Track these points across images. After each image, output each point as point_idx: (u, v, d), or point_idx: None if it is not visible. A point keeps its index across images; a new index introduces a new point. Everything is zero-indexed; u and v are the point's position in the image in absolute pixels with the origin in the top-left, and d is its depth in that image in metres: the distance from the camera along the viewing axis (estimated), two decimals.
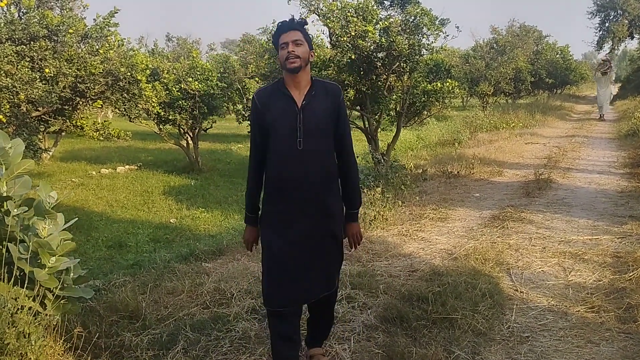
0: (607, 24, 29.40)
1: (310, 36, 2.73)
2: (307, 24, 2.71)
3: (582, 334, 3.31)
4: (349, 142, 2.71)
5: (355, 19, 8.89)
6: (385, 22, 9.12)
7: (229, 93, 16.74)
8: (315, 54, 9.92)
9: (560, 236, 5.28)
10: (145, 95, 10.43)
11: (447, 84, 10.11)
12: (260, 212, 2.76)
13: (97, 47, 9.90)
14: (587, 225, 5.67)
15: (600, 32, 29.95)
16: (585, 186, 7.71)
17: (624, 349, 3.12)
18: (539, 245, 5.04)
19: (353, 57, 9.13)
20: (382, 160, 9.26)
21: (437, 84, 10.17)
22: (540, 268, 4.45)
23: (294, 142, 2.53)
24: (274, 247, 2.63)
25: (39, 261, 2.83)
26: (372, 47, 9.20)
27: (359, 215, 2.84)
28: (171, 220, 8.67)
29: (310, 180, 2.58)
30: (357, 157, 11.61)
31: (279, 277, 2.63)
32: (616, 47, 30.45)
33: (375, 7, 9.30)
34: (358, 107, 10.58)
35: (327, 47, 10.39)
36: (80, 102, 10.01)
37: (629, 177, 8.20)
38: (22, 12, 9.79)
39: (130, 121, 12.08)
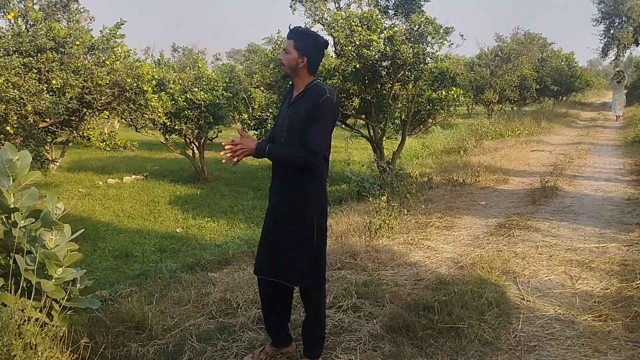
0: (612, 31, 29.33)
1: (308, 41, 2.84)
2: (301, 32, 2.87)
3: (589, 343, 3.29)
4: (312, 138, 2.74)
5: (359, 29, 8.92)
6: (390, 31, 9.15)
7: (235, 102, 16.78)
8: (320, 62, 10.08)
9: (567, 244, 5.26)
10: (151, 105, 10.49)
11: (452, 92, 10.13)
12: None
13: (103, 58, 9.97)
14: (593, 233, 5.65)
15: (605, 39, 29.89)
16: (592, 194, 7.68)
17: (631, 358, 3.10)
18: (545, 253, 5.01)
19: (358, 66, 9.17)
20: (388, 169, 9.26)
21: (442, 92, 10.19)
22: (547, 276, 4.43)
23: (281, 133, 2.89)
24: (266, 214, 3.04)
25: (45, 272, 2.84)
26: (376, 56, 9.24)
27: (265, 151, 2.78)
28: (177, 230, 8.69)
29: (283, 170, 2.89)
30: (362, 165, 11.73)
31: (260, 242, 3.05)
32: (621, 54, 30.39)
33: (379, 17, 9.33)
34: (363, 116, 10.60)
35: (332, 57, 10.43)
36: (87, 113, 10.08)
37: (636, 184, 8.17)
38: (29, 24, 9.89)
39: (136, 131, 12.18)
